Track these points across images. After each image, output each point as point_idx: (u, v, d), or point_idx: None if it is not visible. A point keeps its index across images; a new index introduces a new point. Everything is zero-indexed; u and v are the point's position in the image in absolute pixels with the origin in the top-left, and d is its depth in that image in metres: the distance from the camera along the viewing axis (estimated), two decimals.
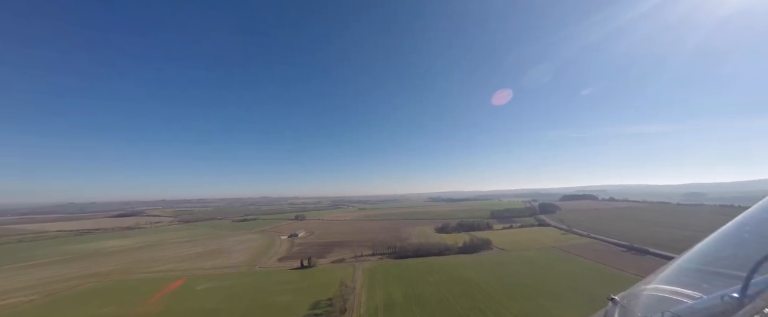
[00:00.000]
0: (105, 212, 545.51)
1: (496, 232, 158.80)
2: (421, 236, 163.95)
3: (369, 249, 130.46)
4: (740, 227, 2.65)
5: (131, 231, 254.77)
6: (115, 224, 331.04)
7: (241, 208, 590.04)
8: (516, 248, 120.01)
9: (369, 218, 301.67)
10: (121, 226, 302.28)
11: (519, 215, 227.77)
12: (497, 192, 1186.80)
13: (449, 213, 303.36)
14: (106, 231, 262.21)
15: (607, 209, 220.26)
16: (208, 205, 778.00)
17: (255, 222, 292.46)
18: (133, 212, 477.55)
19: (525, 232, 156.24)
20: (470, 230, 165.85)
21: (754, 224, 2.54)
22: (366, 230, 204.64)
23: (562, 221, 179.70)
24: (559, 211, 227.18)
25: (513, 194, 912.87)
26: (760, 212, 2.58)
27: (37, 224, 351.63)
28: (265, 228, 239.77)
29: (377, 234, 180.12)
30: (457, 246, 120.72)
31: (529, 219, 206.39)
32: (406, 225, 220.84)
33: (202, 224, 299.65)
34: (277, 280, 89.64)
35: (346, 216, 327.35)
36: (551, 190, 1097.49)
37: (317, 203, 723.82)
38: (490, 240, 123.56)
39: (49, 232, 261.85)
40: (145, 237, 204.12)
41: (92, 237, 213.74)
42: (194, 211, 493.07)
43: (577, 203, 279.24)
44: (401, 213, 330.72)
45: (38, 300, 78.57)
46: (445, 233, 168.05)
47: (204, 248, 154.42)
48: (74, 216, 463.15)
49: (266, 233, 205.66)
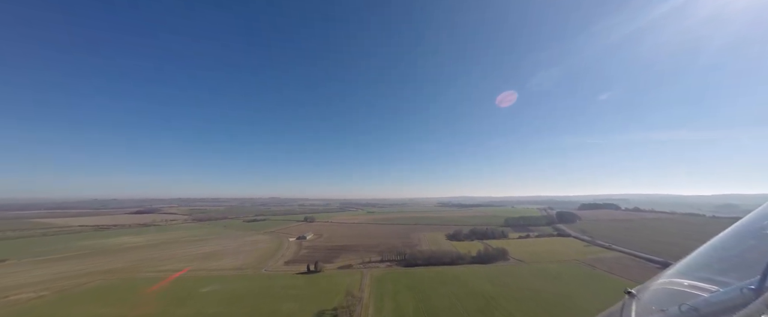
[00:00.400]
0: (124, 208, 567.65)
1: (512, 241, 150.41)
2: (431, 242, 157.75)
3: (377, 254, 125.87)
4: (757, 220, 2.63)
5: (147, 228, 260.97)
6: (133, 220, 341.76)
7: (252, 208, 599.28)
8: (535, 259, 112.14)
9: (378, 222, 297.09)
10: (138, 223, 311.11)
11: (535, 223, 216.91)
12: (509, 198, 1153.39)
13: (460, 219, 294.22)
14: (124, 228, 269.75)
15: (632, 220, 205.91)
16: (221, 204, 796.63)
17: (265, 223, 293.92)
18: (150, 209, 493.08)
19: (543, 242, 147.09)
20: (484, 239, 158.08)
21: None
22: (374, 234, 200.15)
23: (583, 231, 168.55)
24: (579, 221, 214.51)
25: (526, 201, 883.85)
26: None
27: (63, 218, 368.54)
28: (274, 229, 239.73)
29: (386, 239, 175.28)
30: (471, 255, 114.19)
31: (546, 228, 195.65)
32: (416, 231, 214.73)
33: (214, 224, 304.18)
34: (282, 285, 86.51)
35: (355, 219, 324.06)
36: (567, 198, 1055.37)
37: (326, 205, 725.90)
38: (506, 250, 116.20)
39: (72, 227, 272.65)
40: (158, 235, 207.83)
41: (109, 233, 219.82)
42: (208, 210, 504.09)
43: (598, 213, 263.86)
44: (410, 218, 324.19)
45: (48, 296, 78.70)
46: (456, 240, 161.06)
47: (213, 247, 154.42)
48: (96, 212, 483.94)
49: (275, 235, 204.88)
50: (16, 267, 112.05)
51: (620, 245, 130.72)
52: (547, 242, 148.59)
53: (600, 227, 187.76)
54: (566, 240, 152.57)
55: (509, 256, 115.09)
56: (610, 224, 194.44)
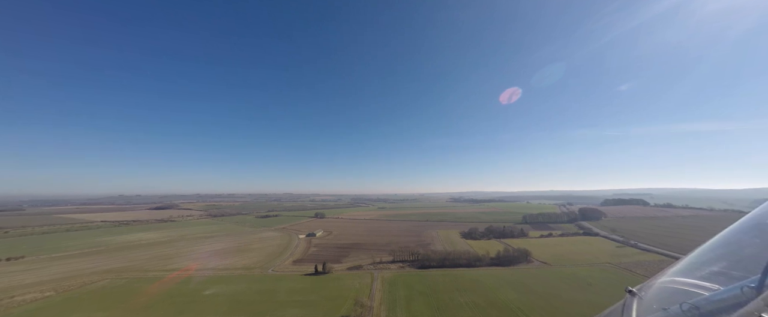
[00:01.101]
0: (146, 204, 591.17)
1: (533, 241, 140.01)
2: (445, 241, 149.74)
3: (389, 254, 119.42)
4: (757, 219, 2.63)
5: (163, 224, 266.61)
6: (152, 216, 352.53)
7: (265, 203, 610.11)
8: (561, 262, 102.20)
9: (389, 218, 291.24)
10: (155, 218, 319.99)
11: (556, 220, 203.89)
12: (523, 194, 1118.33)
13: (474, 216, 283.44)
14: (142, 223, 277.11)
15: (666, 218, 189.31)
16: (237, 200, 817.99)
17: (276, 219, 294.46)
18: (169, 204, 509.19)
19: (568, 242, 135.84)
20: (502, 237, 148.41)
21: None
22: (385, 231, 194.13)
23: (613, 230, 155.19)
24: (605, 218, 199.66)
25: (542, 196, 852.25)
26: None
27: (88, 213, 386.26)
28: (285, 226, 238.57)
29: (397, 237, 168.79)
30: (489, 256, 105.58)
31: (569, 226, 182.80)
32: (428, 228, 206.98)
33: (228, 219, 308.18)
34: (288, 288, 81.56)
35: (366, 215, 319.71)
36: (584, 193, 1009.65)
37: (337, 200, 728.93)
38: (528, 251, 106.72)
39: (95, 222, 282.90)
40: (172, 231, 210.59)
41: (127, 229, 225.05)
42: (223, 206, 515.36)
43: (624, 209, 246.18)
44: (422, 214, 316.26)
45: (52, 297, 77.18)
46: (472, 239, 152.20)
47: (222, 245, 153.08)
48: (120, 207, 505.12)
49: (285, 231, 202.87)
50: (31, 265, 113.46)
51: (658, 246, 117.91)
52: (573, 242, 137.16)
53: (630, 225, 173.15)
54: (594, 240, 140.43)
55: (532, 258, 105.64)
56: (642, 222, 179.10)
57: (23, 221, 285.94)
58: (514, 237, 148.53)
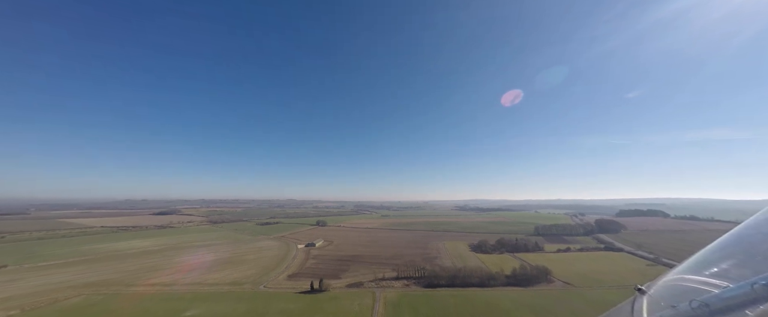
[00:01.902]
0: (150, 209, 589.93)
1: (551, 256, 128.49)
2: (453, 255, 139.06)
3: (392, 269, 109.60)
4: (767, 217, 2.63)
5: (161, 231, 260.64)
6: (152, 222, 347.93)
7: (268, 210, 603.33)
8: (586, 282, 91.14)
9: (392, 227, 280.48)
10: (155, 224, 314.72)
11: (571, 233, 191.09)
12: (531, 202, 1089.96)
13: (482, 226, 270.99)
14: (140, 229, 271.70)
15: (693, 231, 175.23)
16: (240, 205, 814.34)
17: (276, 227, 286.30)
18: (171, 210, 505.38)
19: (589, 259, 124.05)
20: (515, 251, 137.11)
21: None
22: (389, 242, 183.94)
23: (638, 245, 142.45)
24: (624, 230, 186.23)
25: (550, 205, 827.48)
26: None
27: (91, 218, 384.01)
28: (284, 234, 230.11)
29: (402, 249, 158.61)
30: (504, 273, 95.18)
31: (586, 240, 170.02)
32: (434, 238, 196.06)
33: (228, 226, 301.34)
34: (279, 309, 72.61)
35: (368, 224, 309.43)
36: (595, 202, 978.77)
37: (340, 207, 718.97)
38: (547, 269, 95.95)
39: (95, 228, 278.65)
40: (167, 238, 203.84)
41: (123, 236, 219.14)
42: (225, 212, 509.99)
43: (644, 221, 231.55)
44: (427, 223, 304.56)
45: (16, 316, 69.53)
46: (482, 252, 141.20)
47: (216, 255, 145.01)
48: (123, 212, 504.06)
49: (284, 240, 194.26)
50: (11, 275, 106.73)
51: None
52: (594, 258, 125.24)
53: (654, 239, 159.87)
54: (617, 256, 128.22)
55: (552, 277, 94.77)
56: (666, 237, 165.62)
57: (24, 225, 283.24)
58: (529, 252, 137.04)
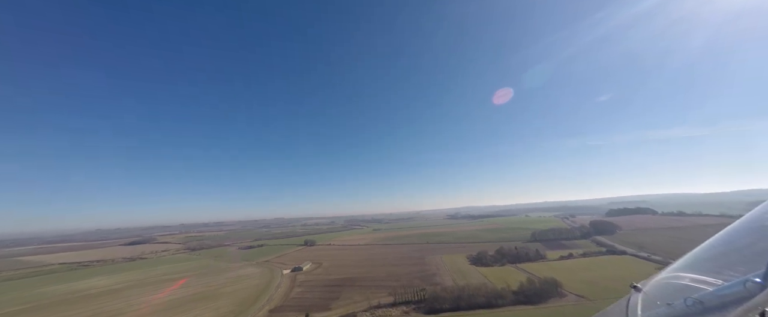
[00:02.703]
0: (124, 238, 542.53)
1: (555, 265, 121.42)
2: (453, 270, 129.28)
3: (388, 293, 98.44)
4: (760, 215, 2.63)
5: (129, 264, 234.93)
6: (122, 253, 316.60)
7: (253, 231, 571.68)
8: (599, 293, 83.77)
9: (385, 241, 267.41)
10: (124, 256, 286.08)
11: (568, 236, 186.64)
12: (518, 206, 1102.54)
13: (476, 235, 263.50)
14: (106, 263, 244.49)
15: (685, 228, 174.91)
16: (224, 228, 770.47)
17: (261, 250, 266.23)
18: (145, 239, 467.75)
19: (596, 265, 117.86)
20: (517, 262, 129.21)
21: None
22: (383, 259, 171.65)
23: (640, 247, 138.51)
24: (620, 231, 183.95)
25: (537, 208, 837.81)
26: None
27: (51, 254, 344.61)
28: (269, 258, 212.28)
29: (397, 267, 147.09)
30: (510, 289, 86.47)
31: (585, 243, 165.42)
32: (430, 252, 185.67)
33: (207, 253, 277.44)
34: None
35: (360, 240, 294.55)
36: (580, 202, 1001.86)
37: (331, 223, 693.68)
38: (557, 281, 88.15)
39: (51, 265, 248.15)
40: (136, 273, 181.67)
41: (82, 273, 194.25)
42: (205, 236, 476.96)
43: (634, 220, 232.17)
44: (420, 235, 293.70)
45: None
46: (483, 265, 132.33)
47: (188, 289, 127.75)
48: (91, 244, 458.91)
49: (268, 266, 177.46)
50: None
51: None
52: (600, 263, 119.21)
53: (652, 238, 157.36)
54: (622, 260, 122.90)
55: (563, 289, 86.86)
56: (663, 235, 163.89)
57: None
58: (531, 261, 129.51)
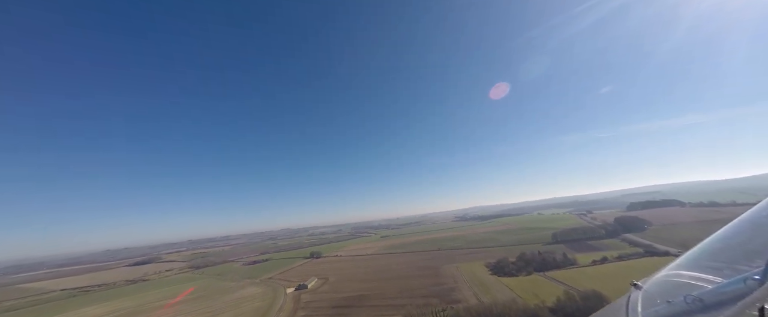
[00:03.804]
0: (129, 259, 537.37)
1: (590, 272, 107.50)
2: (472, 281, 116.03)
3: (402, 314, 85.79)
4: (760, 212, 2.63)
5: (131, 287, 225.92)
6: (125, 275, 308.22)
7: (260, 244, 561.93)
8: None
9: (394, 250, 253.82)
10: (127, 279, 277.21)
11: (593, 235, 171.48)
12: (528, 204, 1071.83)
13: (491, 237, 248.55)
14: (108, 287, 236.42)
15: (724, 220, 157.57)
16: (230, 242, 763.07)
17: (265, 265, 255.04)
18: (151, 258, 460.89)
19: (635, 269, 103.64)
20: (544, 270, 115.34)
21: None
22: (393, 271, 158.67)
23: (682, 244, 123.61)
24: (650, 226, 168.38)
25: (548, 205, 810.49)
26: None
27: (54, 280, 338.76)
28: (273, 274, 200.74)
29: (410, 279, 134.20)
30: (545, 305, 73.39)
31: (616, 243, 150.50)
32: (444, 260, 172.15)
33: (211, 271, 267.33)
34: None
35: (368, 249, 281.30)
36: (592, 196, 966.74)
37: (337, 231, 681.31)
38: (600, 294, 74.64)
39: (51, 292, 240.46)
40: (132, 299, 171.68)
41: (79, 301, 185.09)
42: (211, 253, 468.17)
43: (663, 213, 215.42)
44: (431, 241, 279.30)
45: None
46: (506, 274, 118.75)
47: None
48: (97, 267, 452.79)
49: (271, 284, 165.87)
50: None
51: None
52: (642, 267, 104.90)
53: (691, 234, 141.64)
54: (667, 262, 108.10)
55: None
56: (702, 229, 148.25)
57: None
58: (560, 267, 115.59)
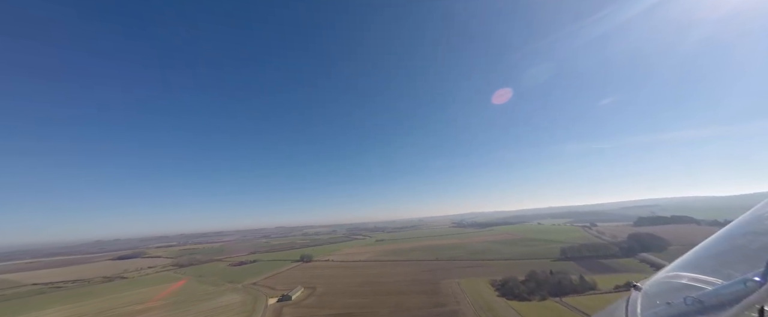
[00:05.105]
0: (117, 251, 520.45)
1: (611, 299, 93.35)
2: (477, 303, 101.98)
3: None
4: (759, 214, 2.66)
5: (105, 285, 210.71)
6: (104, 270, 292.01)
7: (252, 242, 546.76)
8: None
9: (390, 256, 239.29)
10: (105, 275, 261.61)
11: (607, 253, 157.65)
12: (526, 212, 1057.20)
13: (493, 248, 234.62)
14: (81, 283, 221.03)
15: None
16: (222, 238, 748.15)
17: (252, 267, 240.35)
18: (135, 253, 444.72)
19: None
20: (560, 295, 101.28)
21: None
22: (388, 284, 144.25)
23: None
24: (670, 246, 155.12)
25: (546, 214, 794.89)
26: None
27: (29, 271, 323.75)
28: (258, 279, 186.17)
29: (406, 295, 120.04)
30: None
31: (634, 264, 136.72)
32: (444, 272, 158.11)
33: (194, 270, 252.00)
34: None
35: (361, 253, 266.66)
36: (589, 207, 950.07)
37: (332, 232, 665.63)
38: None
39: (22, 286, 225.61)
40: (101, 300, 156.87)
41: (45, 299, 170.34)
42: (199, 250, 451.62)
43: (679, 231, 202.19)
44: (429, 248, 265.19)
45: None
46: (515, 297, 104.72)
47: None
48: (77, 260, 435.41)
49: (254, 291, 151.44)
50: None
51: None
52: None
53: None
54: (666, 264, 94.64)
55: None
56: None
57: None
58: (577, 292, 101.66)
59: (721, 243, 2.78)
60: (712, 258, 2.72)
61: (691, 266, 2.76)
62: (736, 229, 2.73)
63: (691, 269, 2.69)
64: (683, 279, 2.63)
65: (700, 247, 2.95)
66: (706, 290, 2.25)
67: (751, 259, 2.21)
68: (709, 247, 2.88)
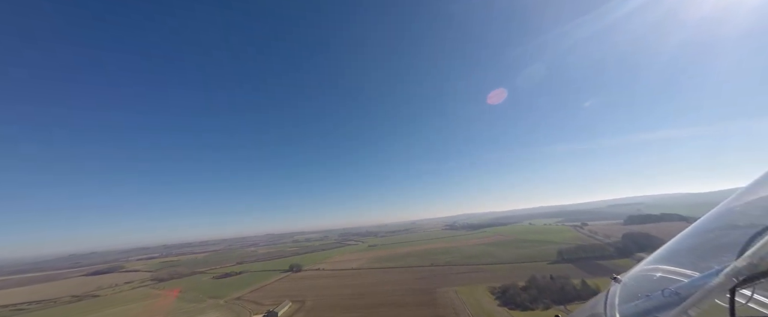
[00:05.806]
0: (90, 266, 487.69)
1: None
2: (480, 315, 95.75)
3: None
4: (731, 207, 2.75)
5: (72, 306, 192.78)
6: (75, 288, 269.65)
7: (238, 251, 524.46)
8: None
9: (383, 263, 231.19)
10: (73, 293, 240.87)
11: (603, 255, 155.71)
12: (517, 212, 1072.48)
13: (488, 251, 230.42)
14: (45, 304, 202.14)
15: None
16: (208, 248, 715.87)
17: (238, 279, 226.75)
18: (111, 267, 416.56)
19: None
20: (564, 301, 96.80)
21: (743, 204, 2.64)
22: (381, 295, 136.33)
23: None
24: None
25: (538, 214, 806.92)
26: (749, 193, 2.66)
27: None
28: (243, 292, 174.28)
29: (401, 307, 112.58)
30: None
31: (632, 264, 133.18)
32: (439, 279, 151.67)
33: (176, 284, 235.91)
34: None
35: (353, 261, 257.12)
36: (576, 206, 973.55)
37: (323, 238, 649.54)
38: None
39: None
40: None
41: None
42: (182, 261, 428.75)
43: (670, 228, 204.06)
44: (424, 253, 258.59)
45: None
46: (517, 306, 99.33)
47: None
48: (43, 277, 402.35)
49: (237, 308, 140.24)
50: None
51: None
52: None
53: None
54: None
55: None
56: None
57: None
58: (583, 299, 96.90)
59: (696, 236, 2.88)
60: (688, 251, 2.85)
61: (669, 258, 2.86)
62: (710, 222, 2.83)
63: (668, 262, 2.79)
64: (661, 272, 2.74)
65: (677, 239, 3.07)
66: (683, 282, 2.38)
67: (725, 251, 2.36)
68: (685, 239, 2.98)
